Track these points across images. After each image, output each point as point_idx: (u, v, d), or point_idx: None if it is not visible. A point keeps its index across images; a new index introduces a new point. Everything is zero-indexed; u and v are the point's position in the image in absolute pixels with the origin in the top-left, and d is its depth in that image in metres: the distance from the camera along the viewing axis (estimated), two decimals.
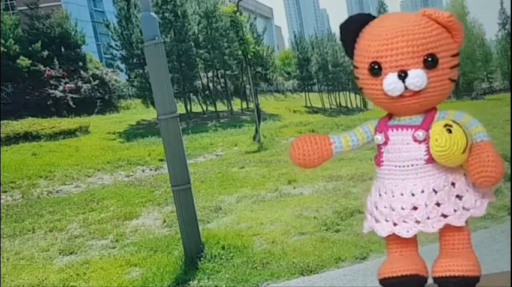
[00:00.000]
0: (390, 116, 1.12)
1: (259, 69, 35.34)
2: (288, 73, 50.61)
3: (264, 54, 35.93)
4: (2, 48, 26.65)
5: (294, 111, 39.15)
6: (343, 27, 1.11)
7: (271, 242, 5.18)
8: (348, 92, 52.72)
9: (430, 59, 1.00)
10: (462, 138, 0.98)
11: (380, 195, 1.12)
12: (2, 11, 29.22)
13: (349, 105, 51.75)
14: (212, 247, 4.94)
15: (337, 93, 50.87)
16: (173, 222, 6.41)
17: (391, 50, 1.00)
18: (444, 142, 0.98)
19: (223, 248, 4.95)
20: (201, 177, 10.58)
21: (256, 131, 17.62)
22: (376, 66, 1.02)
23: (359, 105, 52.67)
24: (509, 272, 1.22)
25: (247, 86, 31.21)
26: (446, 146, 0.98)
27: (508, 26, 51.67)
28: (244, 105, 34.43)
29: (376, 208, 1.13)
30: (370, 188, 1.19)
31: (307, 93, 45.53)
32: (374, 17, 1.09)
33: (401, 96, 1.02)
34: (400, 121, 1.09)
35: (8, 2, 40.43)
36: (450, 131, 0.98)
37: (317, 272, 4.14)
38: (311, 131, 20.17)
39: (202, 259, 4.71)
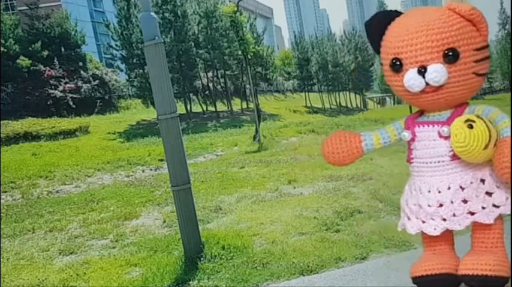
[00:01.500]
0: (421, 112, 1.10)
1: (259, 69, 35.37)
2: (288, 73, 50.63)
3: (264, 54, 35.95)
4: (2, 48, 26.66)
5: (294, 111, 39.15)
6: (367, 25, 1.09)
7: (271, 242, 5.18)
8: (348, 92, 52.74)
9: (450, 53, 0.98)
10: (484, 134, 0.95)
11: (411, 192, 1.10)
12: (2, 11, 29.22)
13: (349, 105, 51.78)
14: (212, 247, 4.94)
15: (337, 93, 50.90)
16: (173, 222, 6.41)
17: (411, 46, 0.99)
18: (463, 138, 0.95)
19: (223, 248, 4.94)
20: (201, 177, 10.58)
21: (256, 131, 17.63)
22: (398, 63, 1.01)
23: (359, 105, 52.71)
24: None
25: (247, 86, 31.22)
26: (465, 142, 0.95)
27: (508, 26, 51.70)
28: (244, 105, 34.45)
29: (407, 205, 1.10)
30: (370, 188, 1.19)
31: (307, 93, 45.55)
32: (400, 13, 1.07)
33: (423, 92, 0.99)
34: (429, 117, 1.07)
35: (8, 2, 40.45)
36: (471, 127, 0.95)
37: (317, 272, 4.13)
38: (311, 131, 20.18)
39: (202, 259, 4.71)
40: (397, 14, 1.07)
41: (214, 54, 31.12)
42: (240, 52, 22.37)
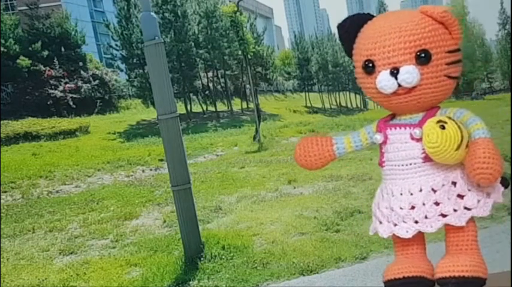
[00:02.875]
0: (393, 116, 1.11)
1: (259, 69, 35.36)
2: (288, 73, 50.62)
3: (264, 54, 35.94)
4: (2, 48, 26.65)
5: (294, 111, 39.15)
6: (340, 27, 1.11)
7: (271, 242, 5.18)
8: (348, 92, 52.73)
9: (422, 54, 0.99)
10: (456, 135, 0.96)
11: (383, 196, 1.12)
12: (2, 11, 29.21)
13: (349, 105, 51.76)
14: (212, 247, 4.94)
15: (337, 93, 50.88)
16: (173, 222, 6.41)
17: (383, 47, 1.00)
18: (435, 138, 0.96)
19: (223, 248, 4.95)
20: (201, 177, 10.58)
21: (256, 131, 17.63)
22: (370, 64, 1.02)
23: (359, 105, 52.69)
24: (509, 272, 1.22)
25: (247, 86, 31.21)
26: (437, 142, 0.96)
27: (508, 26, 51.66)
28: (244, 105, 34.44)
29: (379, 209, 1.12)
30: (370, 188, 1.19)
31: (307, 93, 45.54)
32: (373, 16, 1.08)
33: (395, 93, 1.01)
34: (401, 120, 1.09)
35: (8, 2, 40.43)
36: (443, 128, 0.97)
37: (317, 272, 4.14)
38: (311, 131, 20.17)
39: (202, 259, 4.71)
40: (370, 17, 1.08)
41: (214, 54, 31.11)
42: (240, 52, 22.37)
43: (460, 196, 1.04)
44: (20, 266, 5.56)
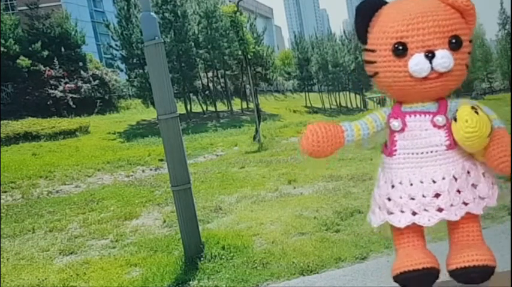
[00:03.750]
0: (401, 104, 1.09)
1: (259, 69, 35.32)
2: (288, 73, 50.62)
3: (264, 54, 35.91)
4: (2, 48, 26.65)
5: (294, 111, 39.15)
6: (358, 10, 1.08)
7: (271, 242, 5.18)
8: (348, 92, 52.71)
9: (454, 40, 0.98)
10: (488, 121, 0.96)
11: (393, 186, 1.09)
12: (2, 11, 29.21)
13: (349, 105, 51.75)
14: (212, 247, 4.94)
15: (337, 93, 50.87)
16: (173, 222, 6.41)
17: (417, 30, 0.97)
18: (475, 123, 0.95)
19: (223, 248, 4.95)
20: (201, 177, 10.58)
21: (256, 131, 17.63)
22: (401, 47, 0.99)
23: (359, 105, 52.68)
24: (509, 272, 1.22)
25: (247, 86, 31.21)
26: (476, 127, 0.95)
27: (508, 26, 51.66)
28: (244, 105, 34.43)
29: (389, 199, 1.09)
30: (370, 188, 1.17)
31: (307, 93, 45.55)
32: (386, 2, 1.06)
33: (425, 78, 0.99)
34: (412, 108, 1.06)
35: (8, 2, 40.43)
36: (477, 113, 0.97)
37: (317, 272, 4.14)
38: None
39: (202, 259, 4.71)
40: (384, 2, 1.07)
41: (214, 54, 31.10)
42: (240, 52, 22.36)
43: (474, 185, 1.03)
44: (20, 266, 5.56)
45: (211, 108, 32.31)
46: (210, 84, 33.92)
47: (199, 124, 27.16)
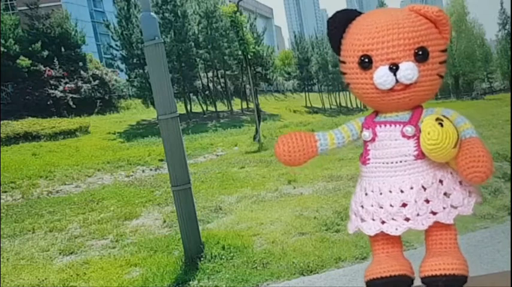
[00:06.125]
0: (376, 114, 1.11)
1: (259, 69, 35.31)
2: (288, 73, 50.63)
3: (264, 54, 35.91)
4: (2, 48, 26.66)
5: (294, 111, 39.17)
6: (330, 22, 1.10)
7: (271, 242, 5.18)
8: (347, 92, 52.70)
9: (420, 52, 0.99)
10: (454, 132, 0.97)
11: (366, 194, 1.11)
12: (2, 11, 29.21)
13: (349, 105, 51.77)
14: (212, 247, 4.94)
15: (337, 93, 50.89)
16: (173, 222, 6.42)
17: (382, 43, 0.99)
18: (437, 135, 0.97)
19: (223, 248, 4.95)
20: (201, 177, 10.58)
21: (256, 131, 17.62)
22: (366, 60, 1.01)
23: (359, 105, 52.67)
24: (509, 272, 1.21)
25: (247, 86, 31.21)
26: (438, 139, 0.97)
27: (508, 26, 51.63)
28: (244, 105, 34.44)
29: (362, 207, 1.11)
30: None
31: (307, 93, 45.56)
32: (360, 13, 1.08)
33: (391, 90, 1.01)
34: (387, 118, 1.08)
35: (8, 2, 40.43)
36: (442, 125, 0.98)
37: (317, 272, 4.14)
38: (311, 131, 20.18)
39: (202, 259, 4.72)
40: (357, 13, 1.08)
41: (214, 54, 31.11)
42: (240, 52, 22.35)
43: (446, 194, 1.05)
44: (20, 266, 5.56)
45: (211, 108, 32.31)
46: (210, 84, 33.93)
47: (199, 124, 27.17)
